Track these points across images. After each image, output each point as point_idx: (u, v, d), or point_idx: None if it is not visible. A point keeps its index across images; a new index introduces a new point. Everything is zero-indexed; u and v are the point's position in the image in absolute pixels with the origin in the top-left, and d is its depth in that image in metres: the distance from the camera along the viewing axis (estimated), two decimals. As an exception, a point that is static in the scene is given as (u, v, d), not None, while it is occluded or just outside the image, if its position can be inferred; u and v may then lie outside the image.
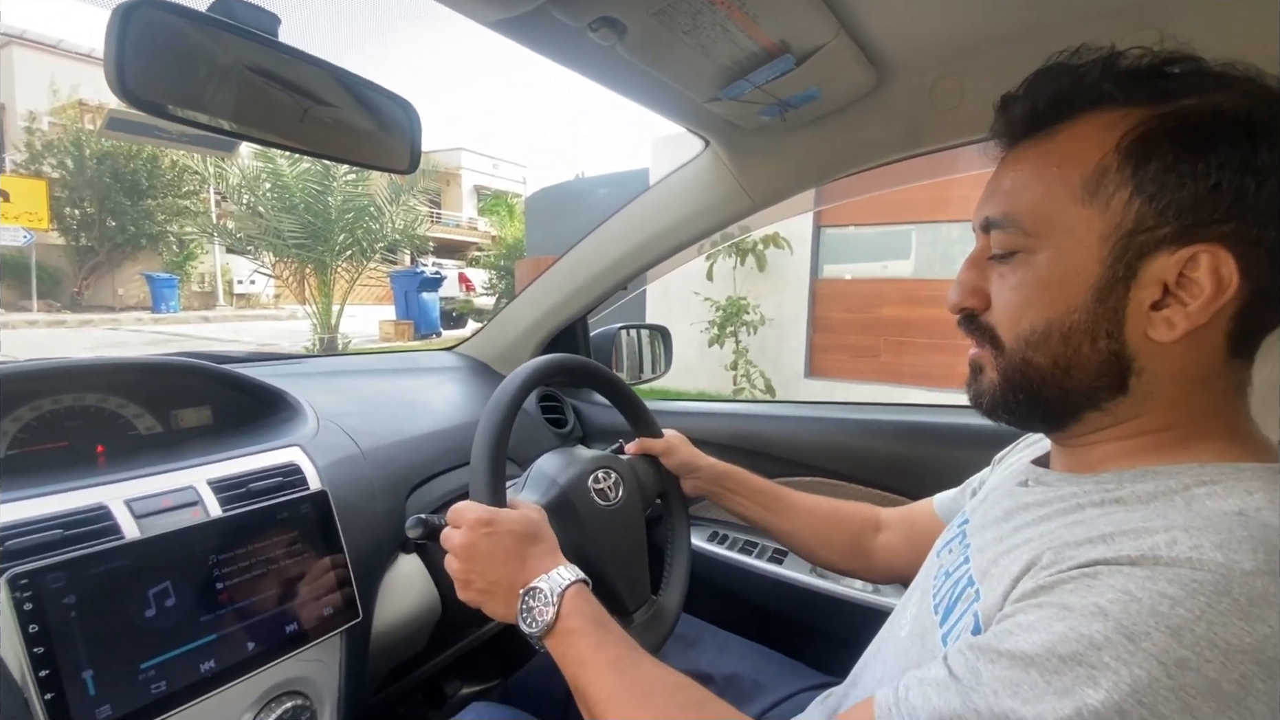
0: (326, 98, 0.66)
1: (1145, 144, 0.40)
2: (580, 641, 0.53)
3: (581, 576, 0.58)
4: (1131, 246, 0.40)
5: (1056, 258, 0.43)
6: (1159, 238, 0.40)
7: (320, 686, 0.68)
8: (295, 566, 0.66)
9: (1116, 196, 0.41)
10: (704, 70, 0.73)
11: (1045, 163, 0.44)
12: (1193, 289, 0.39)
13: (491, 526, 0.60)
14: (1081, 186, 0.42)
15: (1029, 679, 0.33)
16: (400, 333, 10.52)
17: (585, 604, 0.56)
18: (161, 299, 12.43)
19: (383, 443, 0.89)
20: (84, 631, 0.51)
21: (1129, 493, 0.41)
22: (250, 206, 7.79)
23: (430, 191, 12.29)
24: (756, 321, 5.61)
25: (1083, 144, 0.42)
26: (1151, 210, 0.40)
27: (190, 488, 0.64)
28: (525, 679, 1.01)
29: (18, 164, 11.85)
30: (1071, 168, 0.42)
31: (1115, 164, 0.41)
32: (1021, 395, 0.47)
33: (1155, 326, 0.41)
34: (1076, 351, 0.43)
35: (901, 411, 1.10)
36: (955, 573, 0.50)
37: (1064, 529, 0.41)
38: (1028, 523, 0.46)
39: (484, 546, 0.59)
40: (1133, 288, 0.41)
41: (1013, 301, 0.46)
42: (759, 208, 1.04)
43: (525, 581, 0.57)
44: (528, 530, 0.61)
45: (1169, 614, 0.31)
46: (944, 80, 0.81)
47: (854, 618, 0.99)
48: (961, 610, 0.45)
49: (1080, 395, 0.45)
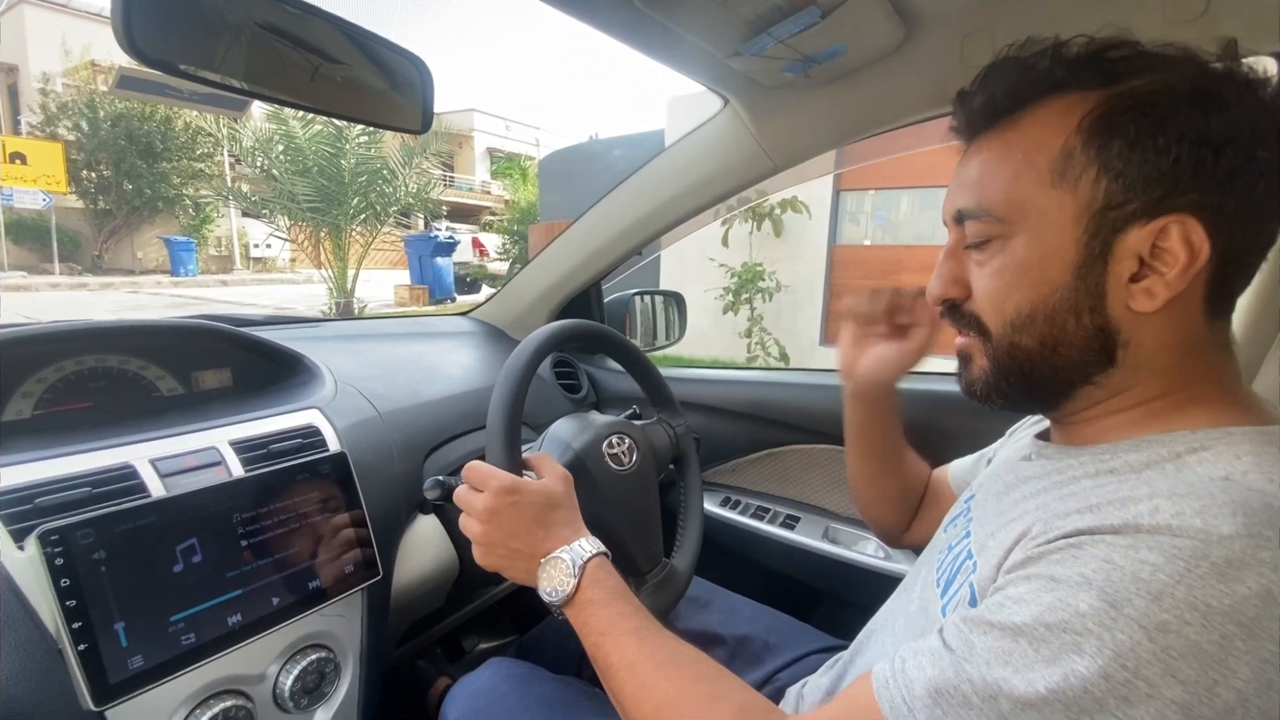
0: (337, 55, 0.64)
1: (1106, 123, 0.41)
2: (601, 612, 0.54)
3: (602, 549, 0.59)
4: (1105, 223, 0.42)
5: (1033, 241, 0.44)
6: (1129, 213, 0.41)
7: (343, 640, 0.70)
8: (316, 526, 0.67)
9: (1084, 176, 0.42)
10: (725, 23, 0.70)
11: (1010, 150, 0.45)
12: (1167, 258, 0.40)
13: (516, 495, 0.60)
14: (1049, 170, 0.43)
15: (1019, 648, 0.34)
16: (415, 297, 10.56)
17: (606, 575, 0.57)
18: (180, 262, 12.56)
19: (400, 406, 0.89)
20: (114, 585, 0.53)
21: (1122, 463, 0.43)
22: (264, 169, 7.78)
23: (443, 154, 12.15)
24: (772, 288, 5.55)
25: (1045, 129, 0.44)
26: (1120, 186, 0.41)
27: (213, 448, 0.66)
28: (540, 635, 1.04)
29: (33, 126, 11.90)
30: (1037, 152, 0.44)
31: (1079, 145, 0.42)
32: (1013, 379, 0.48)
33: (1136, 298, 0.42)
34: (1062, 330, 0.44)
35: (917, 380, 1.09)
36: (957, 547, 0.51)
37: (1057, 501, 0.42)
38: (1025, 496, 0.47)
39: (508, 514, 0.59)
40: (1110, 263, 0.42)
41: (995, 287, 0.47)
42: (780, 169, 1.01)
43: (547, 551, 0.58)
44: (551, 500, 0.61)
45: (1150, 580, 0.32)
46: (974, 35, 0.77)
47: (863, 582, 1.00)
48: (960, 583, 0.46)
49: (1071, 372, 0.46)
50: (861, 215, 5.81)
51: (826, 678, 0.65)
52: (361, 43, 0.65)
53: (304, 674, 0.65)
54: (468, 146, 22.00)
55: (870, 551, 1.03)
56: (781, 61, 0.79)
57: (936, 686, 0.37)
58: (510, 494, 0.60)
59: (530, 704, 0.72)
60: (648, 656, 0.51)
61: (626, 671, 0.51)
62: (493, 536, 0.60)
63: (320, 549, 0.67)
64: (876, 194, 5.68)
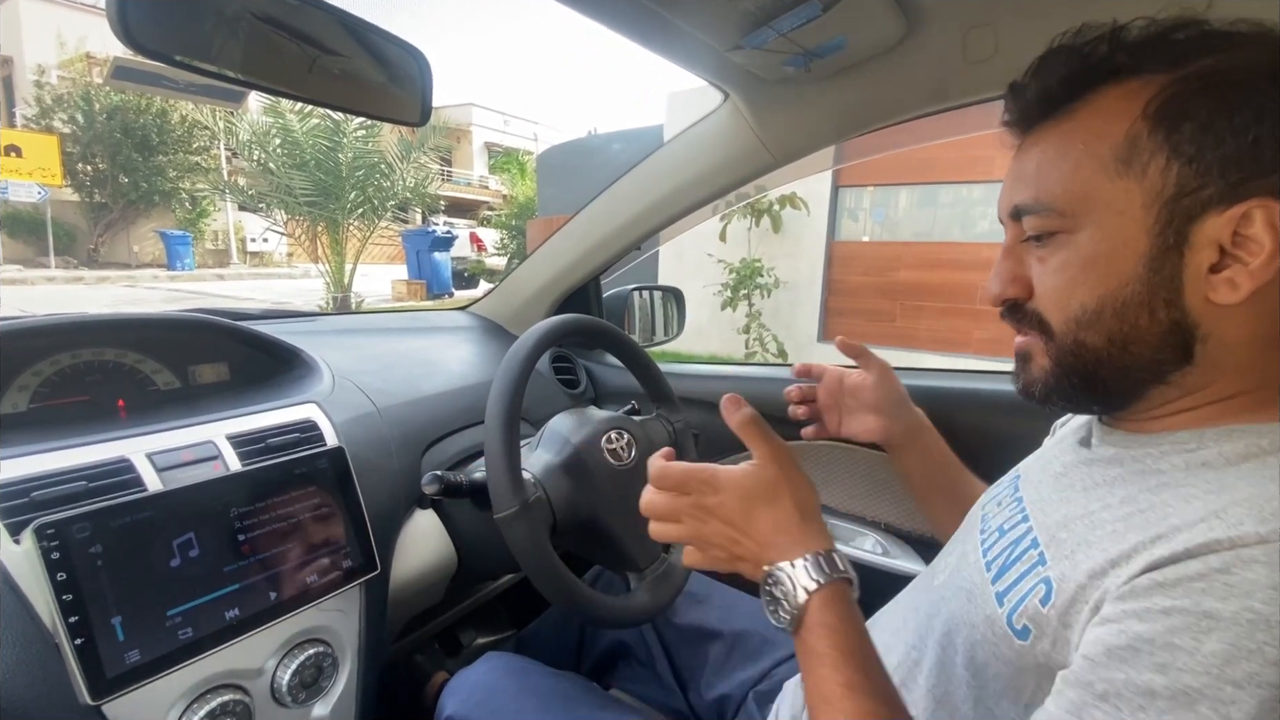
0: (335, 47, 0.64)
1: (1174, 106, 0.39)
2: (825, 673, 0.43)
3: (843, 573, 0.46)
4: (1178, 211, 0.39)
5: (1098, 234, 0.42)
6: (1205, 199, 0.38)
7: (342, 635, 0.70)
8: (314, 520, 0.67)
9: (1153, 163, 0.40)
10: (725, 16, 0.70)
11: (1069, 141, 0.43)
12: (1251, 246, 0.38)
13: (719, 493, 0.50)
14: (1114, 158, 0.41)
15: (1199, 717, 0.30)
16: (413, 292, 10.54)
17: (839, 621, 0.44)
18: (176, 256, 12.51)
19: (398, 401, 0.89)
20: (111, 580, 0.53)
21: (1215, 454, 0.39)
22: (261, 163, 7.74)
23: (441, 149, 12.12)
24: (770, 284, 5.55)
25: (1106, 117, 0.41)
26: (1193, 172, 0.38)
27: (210, 442, 0.65)
28: (538, 630, 1.04)
29: (28, 119, 11.82)
30: (1099, 141, 0.41)
31: (1145, 131, 0.40)
32: (1076, 379, 0.45)
33: (1217, 289, 0.39)
34: (1134, 326, 0.42)
35: (917, 376, 1.09)
36: (1011, 530, 0.48)
37: (1149, 494, 0.39)
38: (1099, 483, 0.44)
39: (716, 514, 0.50)
40: (1186, 253, 0.39)
41: (1058, 284, 0.44)
42: (780, 164, 1.01)
43: (769, 559, 0.47)
44: (758, 490, 0.49)
45: None
46: (977, 30, 0.76)
47: (862, 579, 1.00)
48: (1020, 571, 0.43)
49: (1142, 371, 0.43)
50: (860, 212, 5.80)
51: None
52: (360, 34, 0.65)
53: (302, 668, 0.65)
54: (466, 141, 21.92)
55: (868, 548, 1.03)
56: (782, 55, 0.79)
57: None
58: (713, 491, 0.50)
59: (527, 698, 0.72)
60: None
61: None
62: (710, 538, 0.50)
63: (318, 544, 0.67)
64: (875, 190, 5.68)
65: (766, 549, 0.48)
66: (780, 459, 0.51)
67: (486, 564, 0.92)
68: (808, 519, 0.49)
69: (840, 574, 0.46)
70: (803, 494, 0.50)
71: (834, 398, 0.84)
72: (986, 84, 0.81)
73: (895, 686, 0.44)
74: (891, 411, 0.80)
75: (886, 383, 0.81)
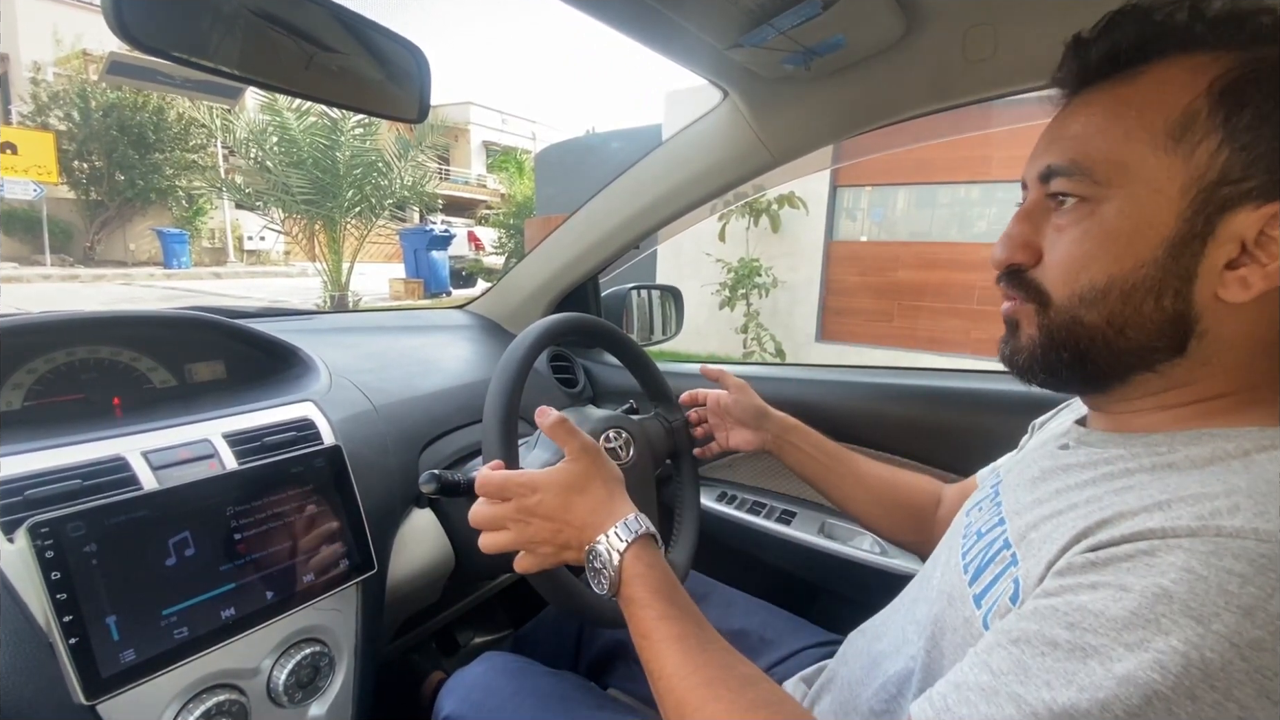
0: (332, 44, 0.63)
1: (1240, 89, 0.37)
2: (642, 613, 0.49)
3: (644, 530, 0.53)
4: (1214, 200, 0.38)
5: (1128, 209, 0.40)
6: (1244, 191, 0.37)
7: (338, 634, 0.69)
8: (311, 519, 0.67)
9: (1203, 145, 0.38)
10: (725, 13, 0.70)
11: (1124, 107, 0.41)
12: (1272, 248, 0.37)
13: (538, 491, 0.55)
14: (1165, 132, 0.39)
15: (1088, 669, 0.31)
16: (410, 291, 10.52)
17: (647, 568, 0.51)
18: (173, 254, 12.45)
19: (395, 399, 0.89)
20: (105, 579, 0.52)
21: (1182, 456, 0.39)
22: (258, 161, 7.71)
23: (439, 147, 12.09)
24: (768, 284, 5.55)
25: (1169, 88, 0.40)
26: (1241, 161, 0.37)
27: (206, 440, 0.65)
28: (535, 629, 1.04)
29: (24, 116, 11.76)
30: (1155, 112, 0.40)
31: (1205, 109, 0.38)
32: (1065, 354, 0.44)
33: (1228, 286, 0.38)
34: (1136, 310, 0.41)
35: (915, 375, 1.09)
36: (988, 534, 0.48)
37: (1113, 494, 0.39)
38: (1071, 485, 0.44)
39: (538, 514, 0.55)
40: (1209, 244, 0.38)
41: (1072, 255, 0.43)
42: (779, 163, 1.01)
43: (588, 540, 0.53)
44: (573, 481, 0.56)
45: (1239, 593, 0.30)
46: (976, 29, 0.76)
47: (861, 577, 1.00)
48: (995, 573, 0.44)
49: (1132, 356, 0.42)
50: (858, 211, 5.81)
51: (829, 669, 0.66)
52: (358, 30, 0.65)
53: (298, 668, 0.64)
54: (464, 140, 21.88)
55: (866, 546, 1.03)
56: (782, 53, 0.79)
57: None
58: (531, 491, 0.55)
59: (524, 697, 0.71)
60: (693, 671, 0.45)
61: (669, 683, 0.46)
62: (533, 537, 0.55)
63: (314, 543, 0.67)
64: (874, 190, 5.68)
65: (585, 529, 0.53)
66: (589, 450, 0.58)
67: (483, 563, 0.91)
68: (615, 496, 0.56)
69: (644, 530, 0.53)
70: (609, 476, 0.57)
71: (718, 417, 0.90)
72: (986, 83, 0.81)
73: (706, 621, 0.50)
74: (755, 423, 0.86)
75: (745, 398, 0.87)
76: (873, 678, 0.56)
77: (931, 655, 0.49)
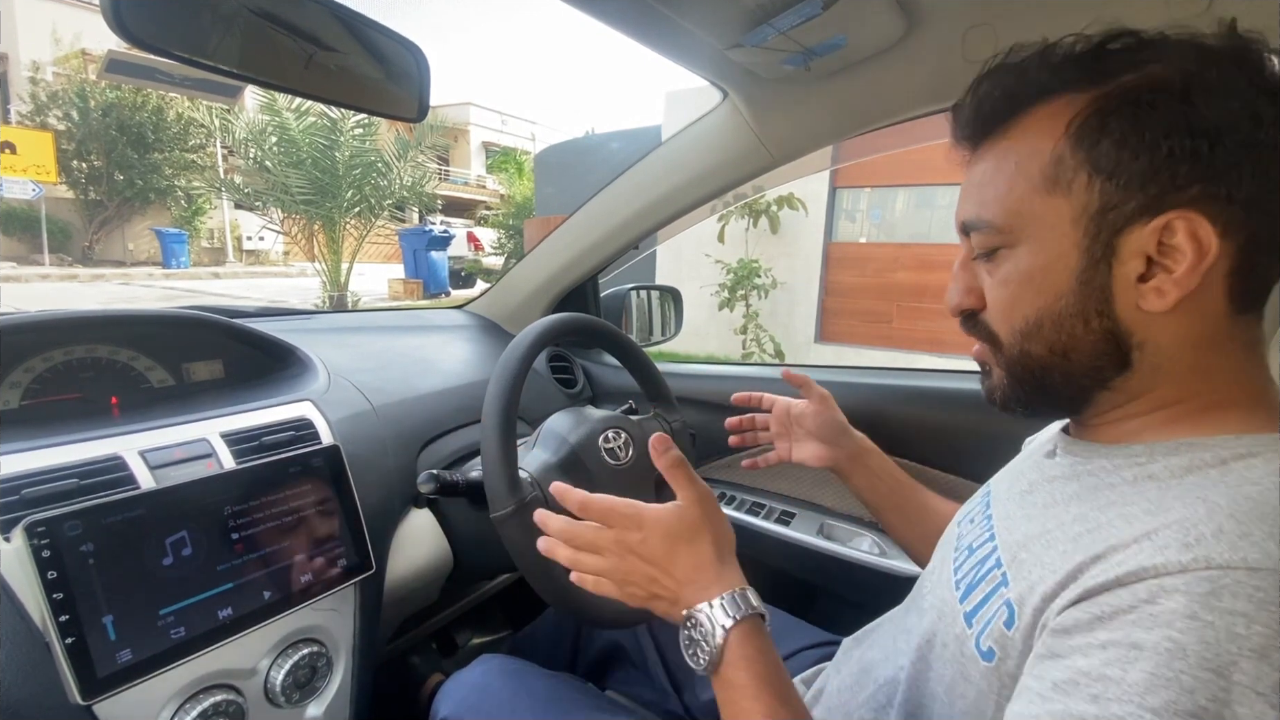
0: (332, 43, 0.63)
1: (1093, 125, 0.40)
2: (746, 703, 0.45)
3: (754, 609, 0.48)
4: (1104, 225, 0.41)
5: (1035, 249, 0.44)
6: (1128, 212, 0.40)
7: (336, 635, 0.69)
8: (309, 519, 0.67)
9: (1076, 180, 0.41)
10: (726, 13, 0.70)
11: (1004, 160, 0.45)
12: (1175, 255, 0.39)
13: (641, 529, 0.51)
14: (1041, 177, 0.42)
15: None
16: (409, 291, 10.51)
17: (756, 652, 0.47)
18: (172, 254, 12.43)
19: (394, 399, 0.89)
20: (102, 578, 0.52)
21: (1161, 467, 0.40)
22: (257, 161, 7.70)
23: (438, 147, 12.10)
24: (768, 285, 5.56)
25: (1034, 136, 0.43)
26: (1114, 187, 0.40)
27: (204, 440, 0.65)
28: (534, 631, 1.04)
29: (23, 115, 11.75)
30: (1029, 161, 0.43)
31: (1068, 150, 0.41)
32: (1028, 386, 0.47)
33: (1146, 298, 0.40)
34: (1071, 335, 0.43)
35: (915, 376, 1.09)
36: (979, 549, 0.49)
37: (1098, 512, 0.40)
38: (1057, 500, 0.45)
39: (636, 551, 0.51)
40: (1114, 265, 0.41)
41: (1003, 297, 0.46)
42: (779, 163, 1.01)
43: (686, 602, 0.49)
44: (681, 530, 0.51)
45: (1247, 635, 0.30)
46: (976, 29, 0.76)
47: (858, 579, 1.00)
48: (985, 593, 0.44)
49: (1084, 377, 0.44)
50: (858, 213, 5.82)
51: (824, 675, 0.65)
52: (357, 29, 0.64)
53: (296, 668, 0.64)
54: (463, 140, 21.89)
55: (865, 548, 1.03)
56: (782, 54, 0.79)
57: None
58: (636, 526, 0.52)
59: (521, 699, 0.71)
60: None
61: None
62: (627, 576, 0.52)
63: (312, 543, 0.66)
64: (873, 191, 5.69)
65: (685, 587, 0.50)
66: (704, 501, 0.53)
67: (482, 564, 0.91)
68: (724, 559, 0.51)
69: (754, 610, 0.48)
70: (722, 535, 0.52)
71: (783, 426, 0.87)
72: (986, 84, 0.81)
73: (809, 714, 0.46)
74: (833, 439, 0.83)
75: (827, 411, 0.84)
76: (863, 686, 0.56)
77: (918, 668, 0.50)
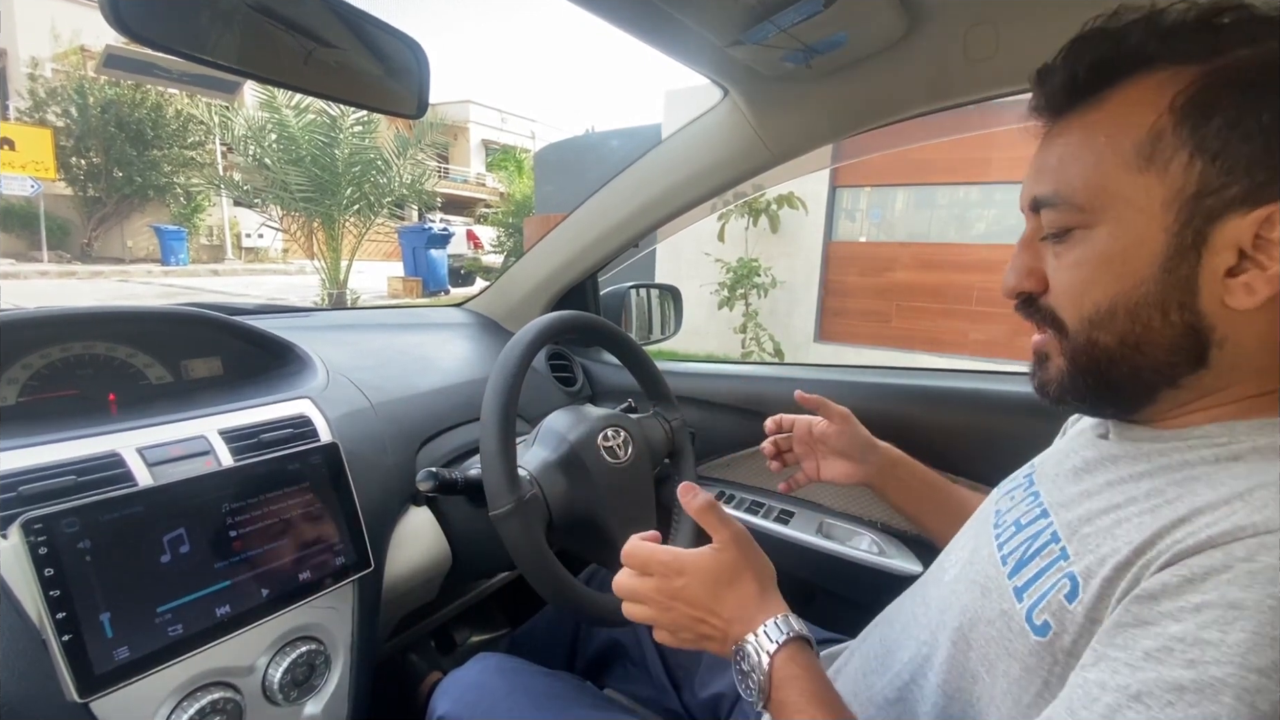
0: (331, 39, 0.63)
1: (1203, 101, 0.37)
2: (791, 715, 0.46)
3: (796, 632, 0.48)
4: (1199, 211, 0.38)
5: (1116, 231, 0.41)
6: (1228, 199, 0.37)
7: (334, 632, 0.69)
8: (307, 516, 0.67)
9: (1175, 160, 0.38)
10: (726, 11, 0.69)
11: (1092, 133, 0.42)
12: (1272, 251, 0.36)
13: (683, 576, 0.51)
14: (1135, 153, 0.39)
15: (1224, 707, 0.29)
16: (409, 289, 10.50)
17: (802, 670, 0.47)
18: (171, 251, 12.42)
19: (393, 397, 0.88)
20: (100, 575, 0.52)
21: (1248, 447, 0.38)
22: (256, 158, 7.69)
23: (438, 145, 12.07)
24: (767, 284, 5.55)
25: (1132, 109, 0.40)
26: (1217, 170, 0.37)
27: (202, 437, 0.65)
28: (532, 630, 1.04)
29: (22, 111, 11.72)
30: (1122, 135, 0.40)
31: (1170, 126, 0.38)
32: (1090, 379, 0.44)
33: (1233, 293, 0.38)
34: (1146, 327, 0.41)
35: (915, 375, 1.09)
36: (1030, 525, 0.47)
37: (1176, 487, 0.38)
38: (1124, 478, 0.43)
39: (682, 598, 0.51)
40: (1204, 254, 0.38)
41: (1073, 281, 0.43)
42: (778, 161, 1.01)
43: (734, 637, 0.50)
44: (721, 572, 0.51)
45: None
46: (978, 28, 0.76)
47: (858, 578, 1.00)
48: (1040, 567, 0.43)
49: (1153, 373, 0.42)
50: (857, 212, 5.81)
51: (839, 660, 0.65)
52: (356, 25, 0.64)
53: (294, 666, 0.64)
54: (463, 138, 21.87)
55: (864, 547, 1.03)
56: (782, 51, 0.79)
57: None
58: (677, 574, 0.51)
59: (519, 697, 0.71)
60: None
61: None
62: (676, 622, 0.52)
63: (310, 540, 0.66)
64: (873, 191, 5.69)
65: (732, 624, 0.50)
66: (739, 539, 0.53)
67: (481, 561, 0.91)
68: (767, 592, 0.51)
69: (796, 632, 0.48)
70: (762, 569, 0.52)
71: (808, 446, 0.85)
72: (987, 83, 0.81)
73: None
74: (860, 455, 0.80)
75: (850, 429, 0.81)
76: (887, 666, 0.56)
77: (958, 646, 0.48)
